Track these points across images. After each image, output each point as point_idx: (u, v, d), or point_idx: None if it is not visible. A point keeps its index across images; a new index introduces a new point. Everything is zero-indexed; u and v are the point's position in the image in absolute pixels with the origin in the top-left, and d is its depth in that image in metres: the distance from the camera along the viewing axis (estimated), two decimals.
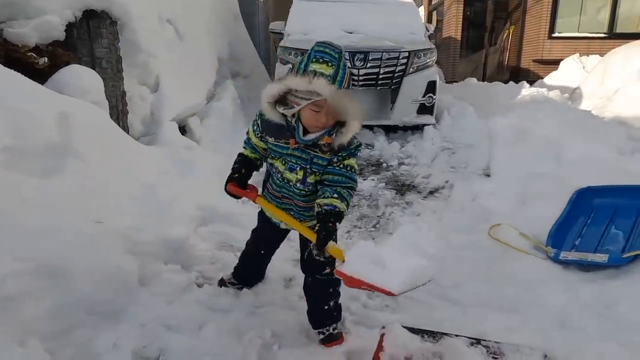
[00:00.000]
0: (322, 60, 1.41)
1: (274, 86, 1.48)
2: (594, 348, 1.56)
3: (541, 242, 2.25)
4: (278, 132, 1.59)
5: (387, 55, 4.85)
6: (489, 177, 3.77)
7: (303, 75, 1.39)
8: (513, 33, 9.94)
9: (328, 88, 1.38)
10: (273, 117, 1.55)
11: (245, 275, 2.13)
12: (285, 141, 1.59)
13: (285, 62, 5.08)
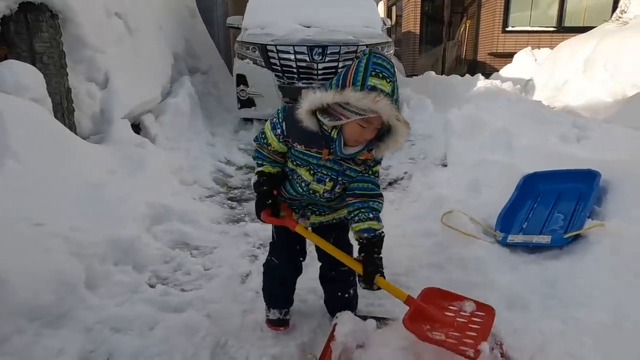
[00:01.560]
0: (382, 76, 1.30)
1: (324, 95, 1.34)
2: (537, 325, 1.62)
3: (490, 226, 2.32)
4: (309, 140, 1.48)
5: (345, 49, 4.86)
6: (445, 167, 3.86)
7: (363, 91, 1.27)
8: (469, 27, 10.21)
9: (389, 108, 1.29)
10: (309, 125, 1.42)
11: (284, 296, 1.83)
12: (317, 151, 1.49)
13: (243, 57, 5.02)
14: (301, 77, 4.88)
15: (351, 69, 1.33)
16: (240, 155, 4.33)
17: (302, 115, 1.40)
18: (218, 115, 5.52)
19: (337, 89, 1.32)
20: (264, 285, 1.84)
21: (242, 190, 3.53)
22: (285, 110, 1.51)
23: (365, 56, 1.34)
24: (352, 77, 1.31)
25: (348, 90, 1.29)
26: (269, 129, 1.54)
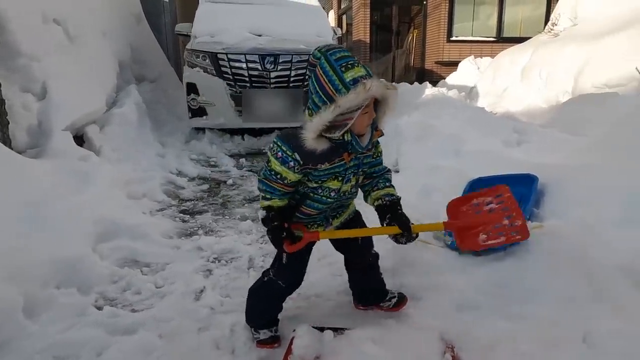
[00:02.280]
0: (350, 65, 1.34)
1: (323, 117, 1.34)
2: (485, 324, 1.69)
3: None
4: (330, 156, 1.47)
5: (297, 58, 4.90)
6: (398, 173, 3.96)
7: (351, 90, 1.30)
8: (417, 37, 10.60)
9: (378, 85, 1.34)
10: (321, 146, 1.42)
11: (277, 314, 1.83)
12: (339, 159, 1.50)
13: (193, 65, 4.92)
14: (254, 85, 4.86)
15: (323, 80, 1.35)
16: (192, 166, 4.22)
17: (312, 143, 1.40)
18: (168, 124, 5.37)
19: (327, 105, 1.33)
20: (254, 307, 1.78)
21: (195, 202, 3.44)
22: (287, 141, 1.46)
23: (322, 59, 1.36)
24: (331, 85, 1.33)
25: (340, 99, 1.31)
26: (279, 165, 1.48)
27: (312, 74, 1.40)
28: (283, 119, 4.97)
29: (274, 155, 1.49)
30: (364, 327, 1.69)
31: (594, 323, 1.42)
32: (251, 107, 4.88)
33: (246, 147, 5.06)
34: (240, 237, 2.78)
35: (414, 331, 1.58)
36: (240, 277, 2.30)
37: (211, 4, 5.52)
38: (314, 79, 1.39)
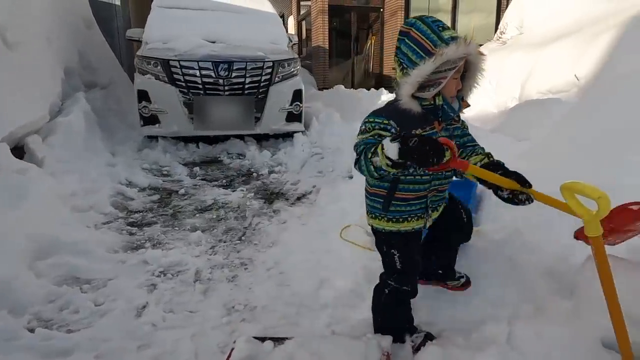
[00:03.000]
0: (447, 27, 1.39)
1: (422, 69, 1.34)
2: None
3: None
4: (423, 122, 1.46)
5: (251, 65, 4.88)
6: (352, 179, 4.01)
7: (450, 44, 1.32)
8: (375, 43, 10.80)
9: (475, 46, 1.38)
10: (415, 108, 1.42)
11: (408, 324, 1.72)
12: (431, 127, 1.49)
13: (144, 72, 4.80)
14: (207, 93, 4.80)
15: (420, 38, 1.37)
16: (144, 176, 4.11)
17: (408, 102, 1.41)
18: (120, 132, 5.21)
19: (425, 59, 1.34)
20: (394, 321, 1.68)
21: (144, 213, 3.35)
22: (379, 114, 1.47)
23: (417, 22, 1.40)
24: (430, 41, 1.35)
25: (442, 50, 1.32)
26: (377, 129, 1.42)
27: (405, 37, 1.41)
28: (236, 127, 4.94)
29: (370, 125, 1.45)
30: (305, 337, 1.70)
31: (518, 324, 1.49)
32: (203, 114, 4.81)
33: (201, 155, 4.98)
34: (189, 249, 2.74)
35: (352, 340, 1.60)
36: (185, 291, 2.27)
37: (164, 9, 5.42)
38: (407, 40, 1.40)
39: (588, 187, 1.15)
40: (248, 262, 2.62)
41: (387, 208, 1.56)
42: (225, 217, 3.32)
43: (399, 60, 1.43)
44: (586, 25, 5.13)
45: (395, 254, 1.60)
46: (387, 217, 1.58)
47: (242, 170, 4.54)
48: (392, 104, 1.50)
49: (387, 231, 1.61)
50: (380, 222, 1.61)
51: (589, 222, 1.19)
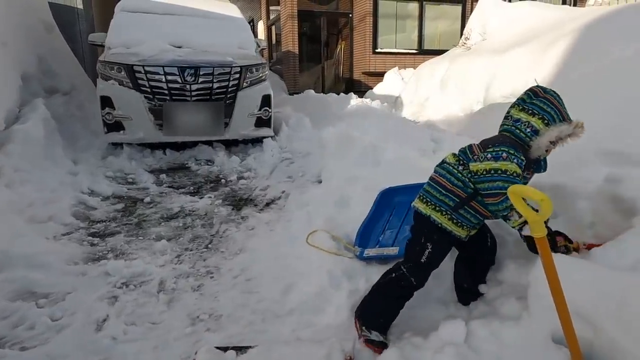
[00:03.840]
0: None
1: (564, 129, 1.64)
2: None
3: (351, 242, 2.49)
4: (528, 166, 1.71)
5: (219, 70, 4.84)
6: (321, 184, 4.03)
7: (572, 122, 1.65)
8: (344, 48, 10.91)
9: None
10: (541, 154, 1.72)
11: (393, 318, 1.84)
12: (528, 173, 1.75)
13: (107, 78, 4.69)
14: (173, 99, 4.72)
15: (558, 105, 1.67)
16: (107, 184, 3.99)
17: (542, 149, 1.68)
18: (83, 140, 5.05)
19: (565, 123, 1.64)
20: (375, 304, 1.82)
21: (107, 223, 3.26)
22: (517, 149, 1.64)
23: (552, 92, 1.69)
24: (566, 113, 1.68)
25: (574, 122, 1.65)
26: (519, 168, 1.62)
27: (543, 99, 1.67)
28: (204, 133, 4.88)
29: (512, 161, 1.61)
30: (268, 345, 1.69)
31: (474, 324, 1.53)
32: (172, 120, 4.74)
33: (168, 162, 4.89)
34: (154, 259, 2.68)
35: (315, 345, 1.60)
36: (148, 302, 2.22)
37: (127, 13, 5.30)
38: (547, 102, 1.66)
39: (531, 190, 1.21)
40: (214, 270, 2.59)
41: (457, 209, 1.75)
42: (192, 224, 3.27)
43: (541, 115, 1.65)
44: (542, 32, 5.36)
45: (429, 248, 1.78)
46: (452, 215, 1.76)
47: (210, 176, 4.48)
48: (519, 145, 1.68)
49: (440, 226, 1.77)
50: (441, 217, 1.77)
51: (534, 223, 1.25)
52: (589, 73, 3.74)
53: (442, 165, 1.86)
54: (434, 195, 1.80)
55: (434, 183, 1.84)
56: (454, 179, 1.76)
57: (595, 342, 1.39)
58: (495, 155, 1.61)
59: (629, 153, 2.10)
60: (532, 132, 1.65)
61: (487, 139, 1.77)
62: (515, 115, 1.70)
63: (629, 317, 1.33)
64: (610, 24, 4.38)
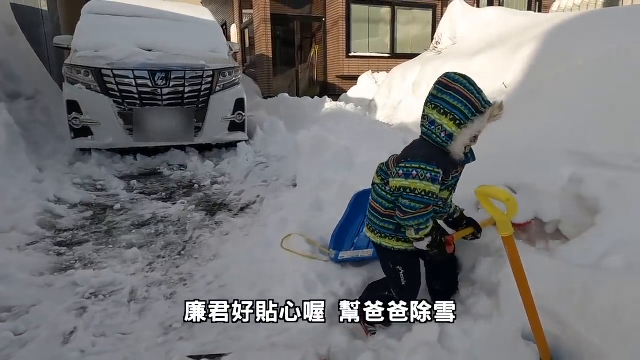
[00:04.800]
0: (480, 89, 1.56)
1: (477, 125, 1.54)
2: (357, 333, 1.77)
3: (326, 245, 2.49)
4: (452, 167, 1.66)
5: (191, 74, 4.77)
6: (295, 187, 4.02)
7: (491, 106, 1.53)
8: (318, 52, 10.95)
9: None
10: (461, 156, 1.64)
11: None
12: (455, 170, 1.70)
13: (74, 81, 4.55)
14: (144, 103, 4.63)
15: (470, 97, 1.52)
16: (75, 191, 3.87)
17: (460, 152, 1.61)
18: (49, 145, 4.89)
19: (477, 116, 1.52)
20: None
21: (75, 232, 3.15)
22: (430, 161, 1.58)
23: (462, 79, 1.55)
24: (479, 100, 1.53)
25: (488, 110, 1.53)
26: (432, 184, 1.57)
27: (451, 92, 1.54)
28: (175, 138, 4.80)
29: (423, 179, 1.57)
30: (242, 352, 1.67)
31: (447, 324, 1.55)
32: (143, 125, 4.64)
33: (139, 167, 4.78)
34: (124, 268, 2.61)
35: (289, 350, 1.59)
36: (119, 312, 2.16)
37: (95, 16, 5.16)
38: (456, 95, 1.53)
39: (498, 190, 1.24)
40: (188, 278, 2.54)
41: (399, 229, 1.74)
42: (165, 231, 3.20)
43: (452, 114, 1.55)
44: (509, 37, 5.52)
45: (400, 270, 1.80)
46: (397, 237, 1.77)
47: (183, 182, 4.41)
48: (438, 151, 1.61)
49: (395, 249, 1.78)
50: (390, 241, 1.79)
51: (501, 223, 1.28)
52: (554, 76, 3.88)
53: (373, 187, 1.85)
54: (375, 222, 1.82)
55: (371, 209, 1.84)
56: (384, 202, 1.75)
57: (561, 337, 1.43)
58: (405, 172, 1.59)
59: (590, 153, 2.18)
60: (446, 137, 1.57)
61: (406, 147, 1.75)
62: (430, 116, 1.59)
63: (593, 311, 1.38)
64: (573, 29, 4.56)
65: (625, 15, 4.36)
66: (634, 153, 2.02)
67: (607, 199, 1.77)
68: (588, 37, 4.03)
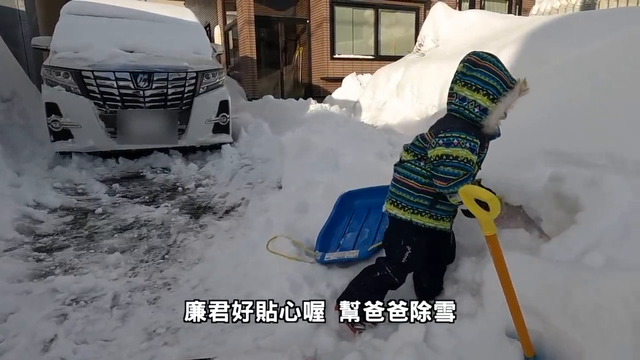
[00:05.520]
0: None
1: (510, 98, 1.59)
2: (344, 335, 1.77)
3: (312, 247, 2.48)
4: (484, 142, 1.70)
5: (174, 76, 4.72)
6: (281, 189, 4.01)
7: (517, 82, 1.59)
8: (303, 53, 10.96)
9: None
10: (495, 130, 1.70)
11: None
12: (486, 146, 1.74)
13: (53, 83, 4.46)
14: (126, 105, 4.56)
15: (500, 73, 1.59)
16: (55, 196, 3.78)
17: (495, 126, 1.67)
18: (26, 149, 4.77)
19: (508, 91, 1.59)
20: (360, 296, 1.79)
21: (55, 237, 3.08)
22: (469, 131, 1.62)
23: (491, 58, 1.62)
24: (507, 77, 1.60)
25: (517, 86, 1.59)
26: (471, 153, 1.62)
27: (481, 68, 1.60)
28: (158, 140, 4.74)
29: (464, 147, 1.60)
30: (228, 356, 1.65)
31: (432, 323, 1.57)
32: (126, 128, 4.56)
33: (121, 170, 4.70)
34: (106, 273, 2.56)
35: (275, 354, 1.58)
36: (101, 319, 2.11)
37: (74, 16, 5.07)
38: (487, 72, 1.59)
39: (481, 190, 1.25)
40: (172, 282, 2.50)
41: (434, 205, 1.76)
42: (148, 235, 3.15)
43: (485, 90, 1.60)
44: (490, 39, 5.60)
45: (409, 249, 1.80)
46: (431, 213, 1.78)
47: (166, 185, 4.35)
48: (472, 125, 1.66)
49: (422, 227, 1.78)
50: (422, 218, 1.78)
51: (484, 222, 1.30)
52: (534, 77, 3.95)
53: (404, 165, 1.82)
54: (407, 199, 1.79)
55: (403, 186, 1.81)
56: (420, 177, 1.75)
57: (544, 334, 1.46)
58: (446, 141, 1.61)
59: (569, 153, 2.22)
60: (481, 112, 1.61)
61: (437, 123, 1.75)
62: (460, 93, 1.63)
63: (574, 308, 1.40)
64: (552, 32, 4.66)
65: (601, 19, 4.48)
66: (610, 152, 2.07)
67: (587, 197, 1.80)
68: (566, 39, 4.13)
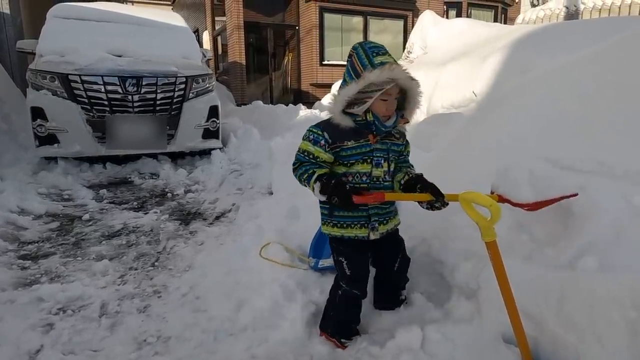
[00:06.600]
0: (382, 52, 1.51)
1: (348, 89, 1.50)
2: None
3: (305, 253, 2.46)
4: (355, 134, 1.60)
5: (163, 80, 4.68)
6: (271, 195, 3.98)
7: (376, 68, 1.45)
8: (292, 59, 10.98)
9: (402, 71, 1.50)
10: (347, 123, 1.56)
11: (354, 324, 1.81)
12: (365, 140, 1.61)
13: (38, 87, 4.38)
14: (114, 110, 4.50)
15: (355, 61, 1.52)
16: (39, 202, 3.70)
17: (338, 117, 1.56)
18: (9, 154, 4.67)
19: (354, 80, 1.50)
20: (337, 319, 1.78)
21: (40, 244, 3.00)
22: (317, 125, 1.63)
23: (359, 47, 1.55)
24: (360, 64, 1.50)
25: (365, 74, 1.47)
26: (311, 145, 1.60)
27: (349, 59, 1.57)
28: (147, 146, 4.68)
29: (305, 139, 1.62)
30: None
31: (428, 329, 1.56)
32: (115, 133, 4.50)
33: (109, 176, 4.62)
34: (93, 281, 2.50)
35: None
36: (88, 328, 2.05)
37: (61, 20, 5.00)
38: (348, 64, 1.57)
39: (481, 196, 1.25)
40: (162, 290, 2.45)
41: (331, 214, 1.71)
42: (137, 242, 3.09)
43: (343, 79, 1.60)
44: (477, 47, 5.69)
45: (343, 261, 1.74)
46: (332, 222, 1.73)
47: (155, 190, 4.29)
48: (331, 118, 1.63)
49: (333, 237, 1.75)
50: (327, 227, 1.76)
51: (484, 228, 1.30)
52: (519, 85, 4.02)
53: None
54: (321, 212, 1.79)
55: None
56: None
57: (539, 338, 1.46)
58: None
59: (558, 159, 2.25)
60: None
61: None
62: None
63: (568, 311, 1.41)
64: (537, 40, 4.74)
65: (584, 28, 4.58)
66: (597, 158, 2.09)
67: (578, 202, 1.82)
68: (551, 47, 4.21)
